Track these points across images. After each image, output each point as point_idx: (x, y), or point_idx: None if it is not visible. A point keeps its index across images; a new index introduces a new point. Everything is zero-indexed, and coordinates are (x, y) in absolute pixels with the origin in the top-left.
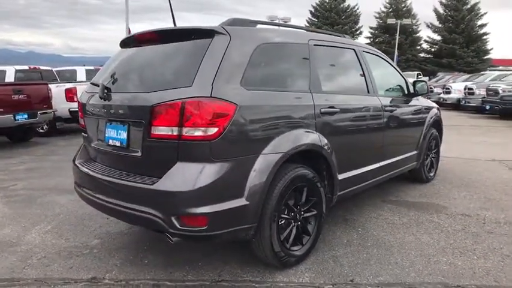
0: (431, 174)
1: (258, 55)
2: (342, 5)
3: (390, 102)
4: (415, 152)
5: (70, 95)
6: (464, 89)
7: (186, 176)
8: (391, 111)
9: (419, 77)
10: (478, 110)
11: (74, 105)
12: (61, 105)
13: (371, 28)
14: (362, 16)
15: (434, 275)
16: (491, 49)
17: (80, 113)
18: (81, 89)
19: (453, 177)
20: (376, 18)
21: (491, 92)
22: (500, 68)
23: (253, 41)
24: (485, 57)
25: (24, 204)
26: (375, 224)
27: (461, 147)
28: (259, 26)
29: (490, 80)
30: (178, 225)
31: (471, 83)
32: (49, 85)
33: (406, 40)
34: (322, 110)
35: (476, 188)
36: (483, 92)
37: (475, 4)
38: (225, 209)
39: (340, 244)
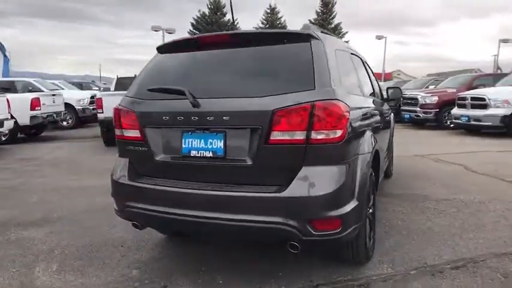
0: (391, 169)
1: (339, 60)
2: (222, 20)
3: (383, 106)
4: (387, 151)
5: None
6: None
7: (318, 180)
8: (384, 113)
9: None
10: None
11: None
12: None
13: None
14: None
15: (480, 248)
16: None
17: (125, 125)
18: None
19: (403, 171)
20: None
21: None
22: None
23: (333, 47)
24: None
25: None
26: (391, 215)
27: None
28: None
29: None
30: (313, 231)
31: None
32: None
33: None
34: (370, 112)
35: (431, 178)
36: None
37: (338, 24)
38: (350, 210)
39: (382, 236)
